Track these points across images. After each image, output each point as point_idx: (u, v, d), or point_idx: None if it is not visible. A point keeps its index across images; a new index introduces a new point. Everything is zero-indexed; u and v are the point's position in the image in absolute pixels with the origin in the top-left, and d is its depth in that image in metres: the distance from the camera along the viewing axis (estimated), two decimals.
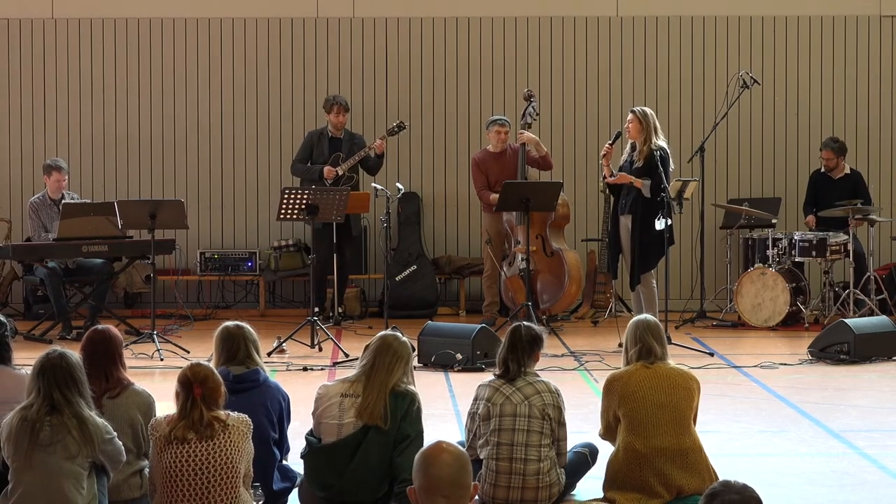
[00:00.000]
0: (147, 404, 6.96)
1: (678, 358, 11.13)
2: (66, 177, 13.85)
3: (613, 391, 7.41)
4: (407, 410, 7.15)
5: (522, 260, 13.23)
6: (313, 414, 7.31)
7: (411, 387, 7.26)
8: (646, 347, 7.41)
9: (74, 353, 6.50)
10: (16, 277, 14.59)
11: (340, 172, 13.99)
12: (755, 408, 10.15)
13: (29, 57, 15.21)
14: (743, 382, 11.11)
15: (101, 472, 6.42)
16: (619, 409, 7.37)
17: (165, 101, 15.26)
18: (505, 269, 13.79)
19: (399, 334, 7.41)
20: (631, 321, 7.63)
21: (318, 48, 15.29)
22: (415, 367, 11.08)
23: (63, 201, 13.50)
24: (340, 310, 14.20)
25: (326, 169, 13.98)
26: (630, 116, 12.58)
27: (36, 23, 15.20)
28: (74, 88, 15.23)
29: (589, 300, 14.65)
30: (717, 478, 7.14)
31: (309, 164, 14.18)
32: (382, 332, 7.42)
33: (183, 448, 6.31)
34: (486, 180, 13.87)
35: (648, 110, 12.59)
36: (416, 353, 8.86)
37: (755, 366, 11.74)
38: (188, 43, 15.26)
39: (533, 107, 13.80)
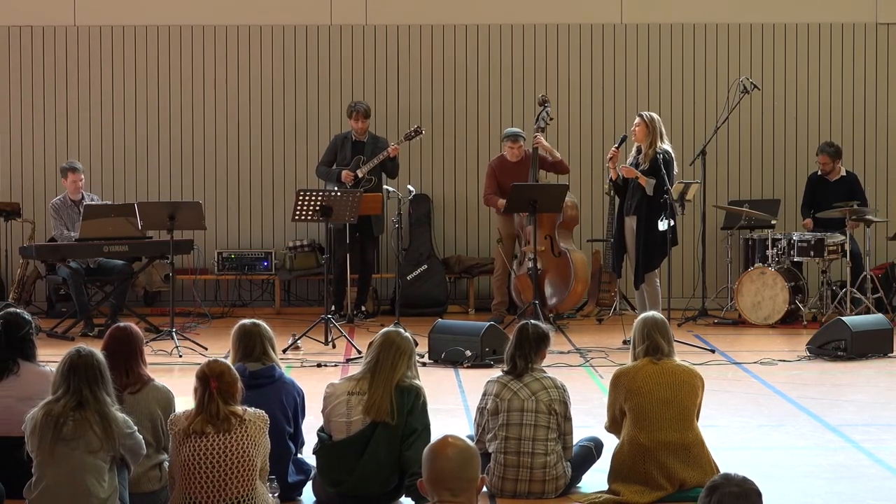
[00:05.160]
0: (167, 400, 7.06)
1: (680, 354, 11.12)
2: (83, 177, 13.87)
3: (620, 386, 7.47)
4: (413, 405, 7.23)
5: (529, 259, 13.34)
6: (322, 412, 7.40)
7: (416, 381, 7.34)
8: (653, 344, 7.47)
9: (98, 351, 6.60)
10: (39, 276, 14.60)
11: (360, 175, 14.10)
12: (755, 403, 10.22)
13: (52, 63, 15.25)
14: (743, 378, 11.16)
15: (123, 466, 6.53)
16: (625, 403, 7.42)
17: (184, 106, 15.31)
18: (515, 268, 13.86)
19: (401, 330, 7.48)
20: (639, 318, 7.68)
21: (331, 54, 15.34)
22: (425, 364, 11.38)
23: (84, 203, 13.57)
24: (364, 308, 14.38)
25: (344, 173, 14.08)
26: (637, 120, 12.62)
27: (59, 30, 15.26)
28: (96, 94, 15.27)
29: (594, 299, 14.66)
30: (718, 471, 7.15)
31: (333, 167, 14.29)
32: (385, 329, 7.49)
33: (201, 441, 6.38)
34: (497, 187, 13.89)
35: (655, 116, 12.63)
36: (418, 347, 8.79)
37: (755, 362, 11.79)
38: (206, 49, 15.32)
39: (547, 111, 13.84)
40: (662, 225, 12.39)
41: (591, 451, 7.80)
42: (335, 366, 11.68)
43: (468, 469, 4.67)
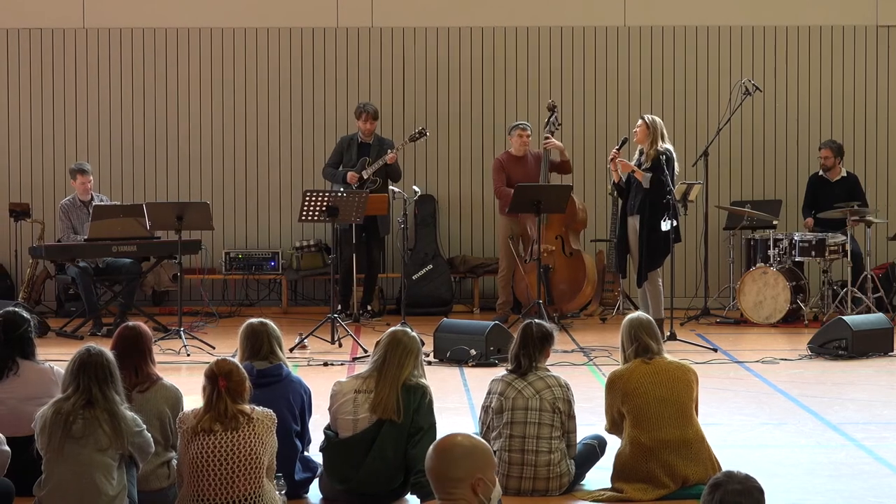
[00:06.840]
0: (175, 398, 7.11)
1: (683, 353, 11.28)
2: (92, 179, 13.93)
3: (616, 389, 7.50)
4: (419, 403, 7.26)
5: (541, 254, 13.36)
6: (329, 410, 7.44)
7: (422, 380, 7.36)
8: (642, 345, 7.50)
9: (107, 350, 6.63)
10: (49, 276, 14.67)
11: (365, 176, 14.16)
12: (756, 401, 10.27)
13: (61, 65, 15.32)
14: (745, 377, 11.21)
15: (131, 464, 6.56)
16: (622, 405, 7.46)
17: (192, 108, 15.38)
18: (527, 259, 13.79)
19: (408, 329, 7.52)
20: (624, 320, 7.68)
21: (338, 56, 15.41)
22: (430, 363, 11.44)
23: (93, 203, 13.62)
24: (370, 307, 14.44)
25: (350, 175, 14.15)
26: (639, 122, 12.73)
27: (68, 32, 15.33)
28: (105, 95, 15.34)
29: (598, 298, 14.71)
30: (719, 467, 7.27)
31: (339, 168, 14.34)
32: (392, 328, 7.53)
33: (209, 439, 6.40)
34: (507, 180, 13.93)
35: (657, 118, 12.74)
36: (425, 346, 8.75)
37: (757, 361, 11.85)
38: (214, 51, 15.40)
39: (556, 117, 13.92)
40: (665, 225, 12.46)
41: (595, 448, 7.84)
42: (341, 364, 11.75)
43: (466, 463, 4.58)
